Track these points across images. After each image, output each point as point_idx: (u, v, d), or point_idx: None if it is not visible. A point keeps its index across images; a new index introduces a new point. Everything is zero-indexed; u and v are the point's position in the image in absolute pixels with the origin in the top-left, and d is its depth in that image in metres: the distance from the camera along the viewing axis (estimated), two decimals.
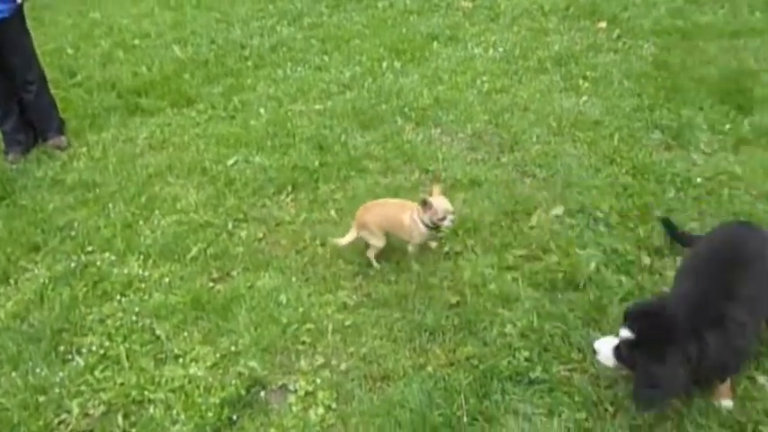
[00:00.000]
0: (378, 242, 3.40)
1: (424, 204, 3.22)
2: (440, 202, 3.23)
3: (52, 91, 5.19)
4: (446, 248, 3.51)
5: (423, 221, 3.26)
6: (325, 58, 6.13)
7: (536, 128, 4.50)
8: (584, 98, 4.82)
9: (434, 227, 3.28)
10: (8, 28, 4.53)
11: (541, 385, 2.75)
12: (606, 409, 2.65)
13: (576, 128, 4.45)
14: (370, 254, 3.45)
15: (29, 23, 4.83)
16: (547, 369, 2.80)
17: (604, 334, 2.91)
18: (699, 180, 3.86)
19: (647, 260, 3.33)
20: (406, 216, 3.31)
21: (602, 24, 6.10)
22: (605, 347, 2.48)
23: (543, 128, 4.50)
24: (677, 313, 2.39)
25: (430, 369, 2.85)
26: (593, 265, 3.30)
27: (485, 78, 5.27)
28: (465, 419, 2.61)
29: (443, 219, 3.23)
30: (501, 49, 5.77)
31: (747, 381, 2.71)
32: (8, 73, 4.70)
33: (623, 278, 3.22)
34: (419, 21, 6.77)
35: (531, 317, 3.03)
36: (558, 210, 3.74)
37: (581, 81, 5.07)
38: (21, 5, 4.60)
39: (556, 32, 6.05)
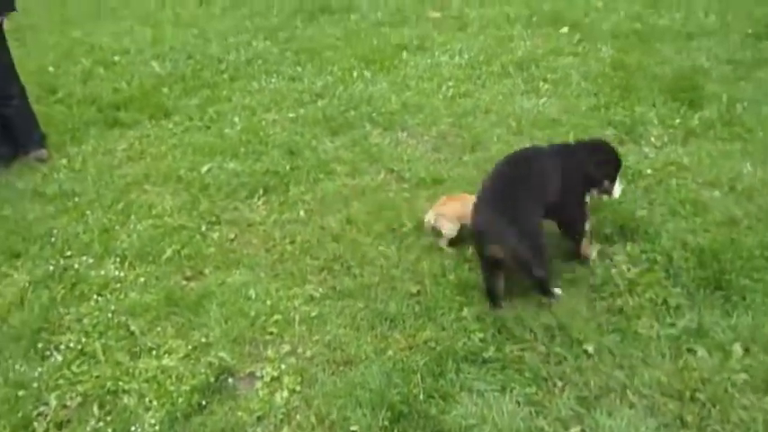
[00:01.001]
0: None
1: None
2: None
3: (33, 106, 5.35)
4: (409, 241, 3.69)
5: None
6: (299, 69, 6.34)
7: (497, 128, 4.71)
8: (544, 99, 5.04)
9: None
10: None
11: (494, 364, 2.91)
12: (555, 384, 2.83)
13: (534, 127, 4.67)
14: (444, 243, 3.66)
15: (10, 43, 5.00)
16: (500, 349, 2.98)
17: (554, 315, 3.13)
18: (649, 171, 4.07)
19: (596, 246, 3.52)
20: None
21: (564, 29, 6.35)
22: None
23: (504, 128, 4.71)
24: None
25: (390, 353, 3.01)
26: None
27: (450, 84, 5.49)
28: (421, 397, 2.77)
29: None
30: (466, 56, 6.00)
31: (688, 353, 2.90)
32: None
33: (571, 263, 3.41)
34: (390, 32, 7.01)
35: (486, 302, 3.21)
36: None
37: (541, 83, 5.30)
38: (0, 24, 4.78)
39: (520, 39, 6.30)
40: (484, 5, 7.45)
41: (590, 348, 2.95)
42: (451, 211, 3.62)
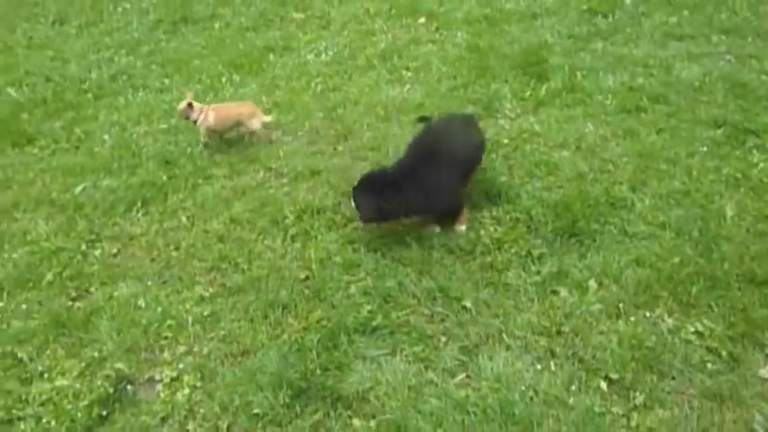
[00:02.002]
0: None
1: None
2: None
3: None
4: (293, 232, 3.83)
5: None
6: (166, 81, 6.28)
7: (366, 117, 4.94)
8: (408, 86, 5.34)
9: None
10: None
11: (383, 330, 3.13)
12: (439, 340, 3.08)
13: (401, 113, 4.94)
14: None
15: None
16: (387, 316, 3.19)
17: (434, 279, 3.39)
18: (506, 141, 4.44)
19: (465, 213, 3.82)
20: None
21: (422, 20, 6.70)
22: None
23: (372, 117, 4.95)
24: (391, 173, 3.55)
25: (285, 337, 3.15)
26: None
27: (318, 80, 5.67)
28: (318, 371, 2.93)
29: None
30: (332, 53, 6.21)
31: (552, 294, 3.25)
32: None
33: (444, 232, 3.69)
34: (255, 36, 7.08)
35: (371, 276, 3.43)
36: None
37: (404, 72, 5.60)
38: None
39: (381, 32, 6.58)
40: (344, 3, 7.68)
41: (468, 304, 3.23)
42: (225, 109, 4.70)
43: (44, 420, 2.89)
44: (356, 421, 2.72)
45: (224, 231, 3.93)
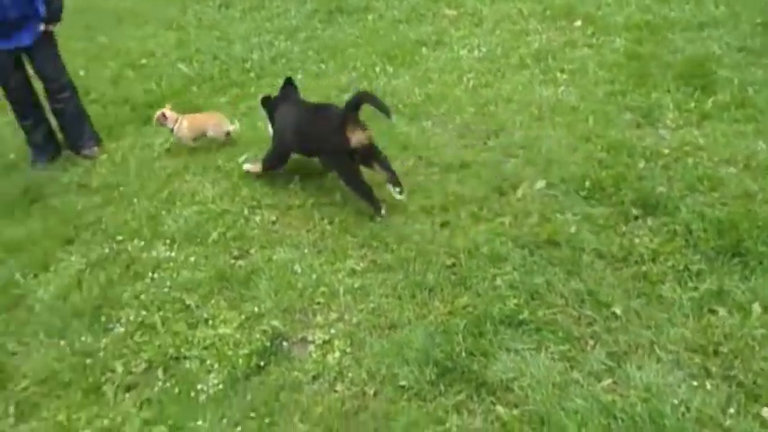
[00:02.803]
0: None
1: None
2: None
3: None
4: (441, 220, 3.92)
5: None
6: (322, 66, 6.59)
7: (518, 116, 4.94)
8: (562, 88, 5.26)
9: None
10: (40, 41, 4.96)
11: (529, 326, 3.13)
12: (587, 342, 3.04)
13: (555, 113, 4.89)
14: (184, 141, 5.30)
15: None
16: (533, 312, 3.19)
17: (584, 282, 3.35)
18: (666, 151, 4.27)
19: (622, 227, 3.72)
20: None
21: (578, 23, 6.57)
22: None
23: (525, 115, 4.93)
24: None
25: (431, 318, 3.24)
26: (572, 228, 3.70)
27: (470, 76, 5.72)
28: (463, 354, 2.99)
29: None
30: (484, 50, 6.23)
31: (710, 313, 3.11)
32: (42, 82, 5.14)
33: (597, 237, 3.62)
34: (408, 29, 7.25)
35: (519, 271, 3.44)
36: (541, 183, 4.14)
37: (559, 73, 5.52)
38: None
39: (535, 33, 6.52)
40: (496, 2, 7.66)
41: (618, 311, 3.16)
42: (197, 119, 5.20)
43: (207, 362, 3.17)
44: (500, 408, 2.76)
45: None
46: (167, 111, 5.19)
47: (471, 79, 5.65)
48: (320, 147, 4.19)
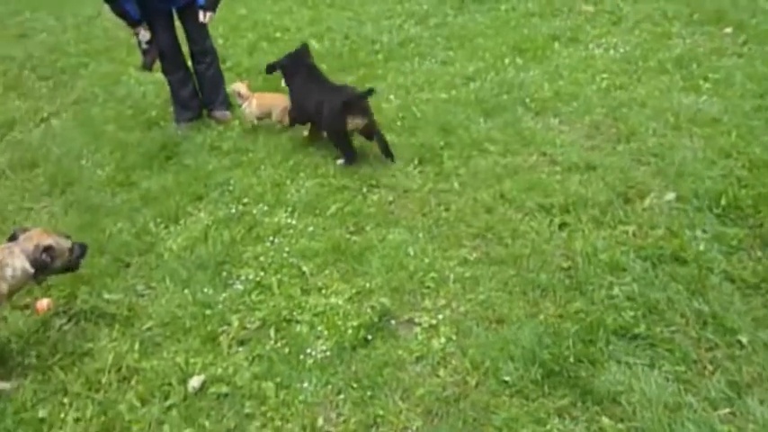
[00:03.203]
0: None
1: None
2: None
3: None
4: (560, 220, 3.83)
5: None
6: (450, 53, 6.57)
7: (653, 122, 4.71)
8: (704, 97, 4.96)
9: None
10: (191, 5, 5.28)
11: (644, 341, 3.01)
12: (705, 367, 2.88)
13: (693, 124, 4.61)
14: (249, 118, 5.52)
15: None
16: (650, 328, 3.06)
17: (708, 303, 3.17)
18: None
19: (757, 252, 3.48)
20: None
21: (728, 30, 6.14)
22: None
23: (660, 122, 4.69)
24: None
25: (541, 317, 3.19)
26: (701, 246, 3.51)
27: (604, 76, 5.51)
28: (571, 360, 2.92)
29: None
30: (621, 50, 5.98)
31: None
32: (188, 43, 5.48)
33: (728, 259, 3.41)
34: (540, 23, 7.07)
35: (638, 284, 3.30)
36: (671, 195, 3.94)
37: (701, 82, 5.20)
38: None
39: (678, 36, 6.17)
40: (639, 1, 7.32)
41: (744, 339, 2.97)
42: (265, 99, 5.40)
43: (317, 328, 3.29)
44: (605, 419, 2.68)
45: (492, 204, 4.05)
46: (243, 89, 5.43)
47: (604, 79, 5.45)
48: (322, 123, 4.79)
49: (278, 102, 5.40)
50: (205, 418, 2.94)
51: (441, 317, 3.27)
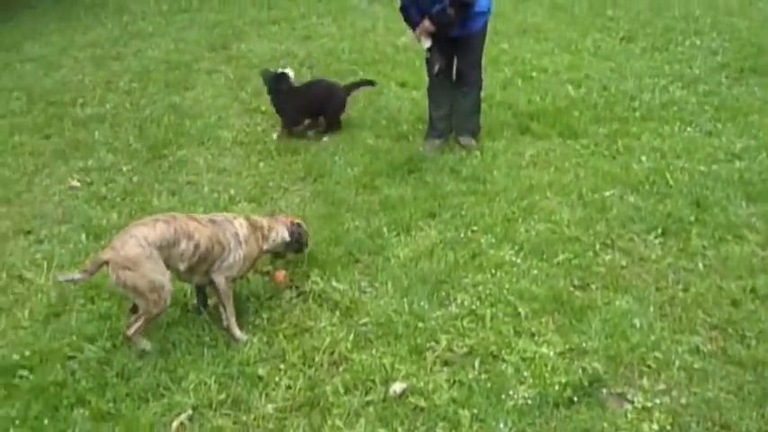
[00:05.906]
0: None
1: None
2: None
3: None
4: None
5: None
6: (718, 125, 6.07)
7: None
8: None
9: None
10: (477, 35, 5.55)
11: None
12: None
13: None
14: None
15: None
16: None
17: None
18: None
19: None
20: None
21: None
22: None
23: None
24: None
25: None
26: None
27: None
28: None
29: None
30: None
31: None
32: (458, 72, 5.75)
33: None
34: None
35: None
36: None
37: None
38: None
39: None
40: None
41: None
42: None
43: (523, 373, 3.26)
44: None
45: (739, 297, 3.68)
46: None
47: None
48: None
49: None
50: (399, 424, 3.07)
51: (657, 401, 3.05)
